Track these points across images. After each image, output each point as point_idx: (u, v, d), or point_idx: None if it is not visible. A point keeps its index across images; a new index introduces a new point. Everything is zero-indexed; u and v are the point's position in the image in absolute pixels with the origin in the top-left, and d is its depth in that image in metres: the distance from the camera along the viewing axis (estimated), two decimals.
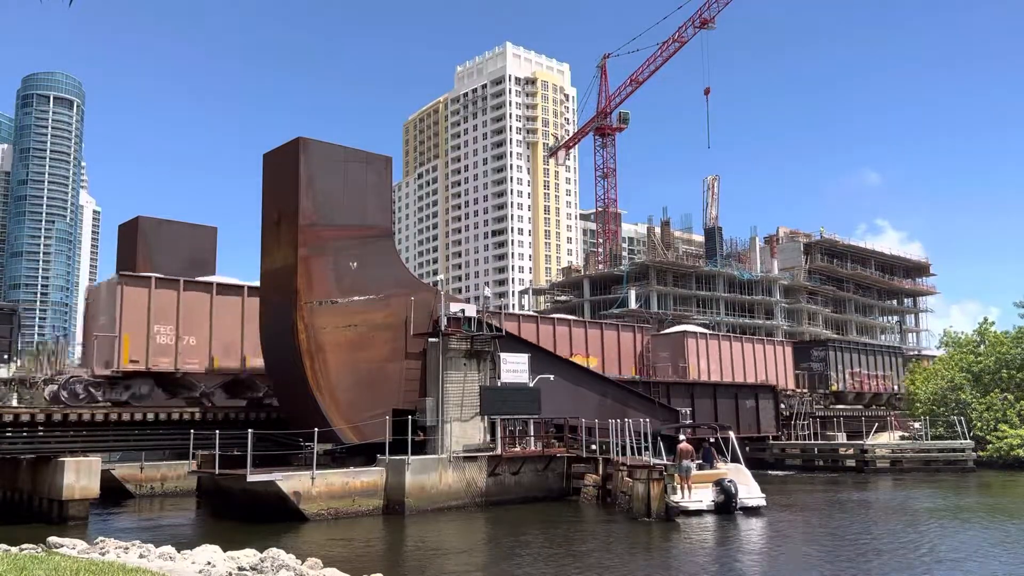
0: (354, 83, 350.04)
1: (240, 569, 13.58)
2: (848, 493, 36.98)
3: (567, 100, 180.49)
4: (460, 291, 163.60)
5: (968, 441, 47.52)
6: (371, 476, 29.03)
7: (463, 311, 32.67)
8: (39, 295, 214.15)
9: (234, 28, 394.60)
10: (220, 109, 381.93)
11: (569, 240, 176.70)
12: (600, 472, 32.28)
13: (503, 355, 33.63)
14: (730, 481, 28.14)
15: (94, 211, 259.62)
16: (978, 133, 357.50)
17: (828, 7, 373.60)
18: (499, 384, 33.15)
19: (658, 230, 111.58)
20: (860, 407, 61.48)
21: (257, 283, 32.83)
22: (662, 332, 55.15)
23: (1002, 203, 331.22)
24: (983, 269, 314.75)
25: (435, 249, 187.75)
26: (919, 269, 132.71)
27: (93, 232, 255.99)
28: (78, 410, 28.38)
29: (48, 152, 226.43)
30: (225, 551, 15.55)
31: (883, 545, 22.46)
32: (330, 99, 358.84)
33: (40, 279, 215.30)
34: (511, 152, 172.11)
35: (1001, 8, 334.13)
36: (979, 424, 50.18)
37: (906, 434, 55.07)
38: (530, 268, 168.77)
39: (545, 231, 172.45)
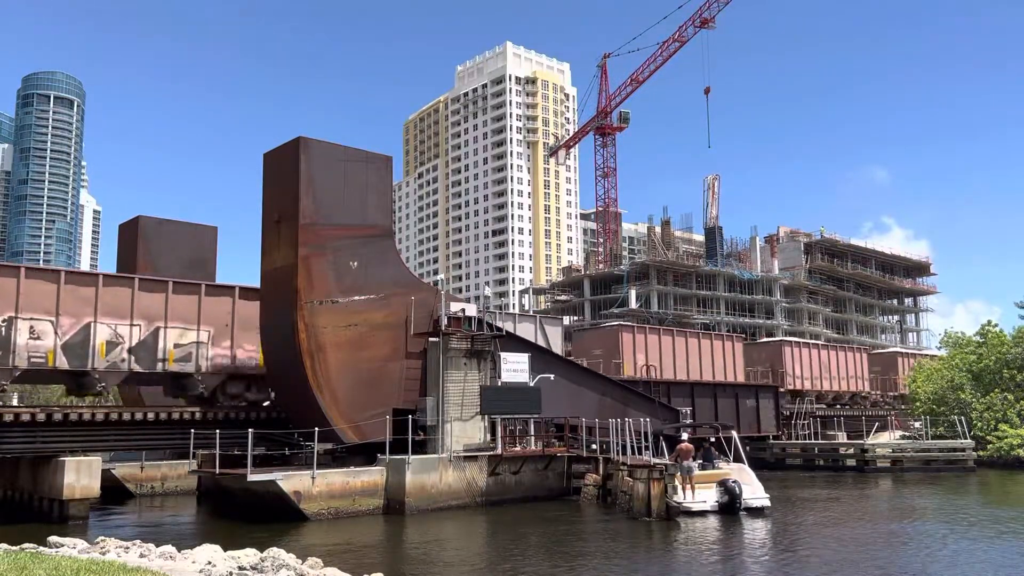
0: (354, 83, 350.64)
1: (240, 568, 13.56)
2: (850, 493, 36.96)
3: (567, 100, 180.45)
4: (460, 291, 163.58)
5: (968, 441, 47.48)
6: (371, 475, 29.01)
7: (463, 310, 32.67)
8: None
9: (234, 28, 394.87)
10: (220, 108, 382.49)
11: (569, 240, 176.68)
12: (600, 472, 32.26)
13: (503, 355, 33.60)
14: (734, 481, 28.01)
15: (94, 210, 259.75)
16: (986, 132, 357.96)
17: (830, 6, 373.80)
18: (499, 384, 33.12)
19: (658, 230, 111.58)
20: (823, 406, 59.14)
21: (76, 269, 31.15)
22: (594, 327, 54.19)
23: (1008, 202, 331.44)
24: (987, 268, 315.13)
25: (435, 249, 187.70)
26: (920, 268, 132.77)
27: (93, 231, 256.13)
28: (78, 410, 28.37)
29: (48, 152, 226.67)
30: (226, 550, 15.52)
31: (887, 545, 22.45)
32: (330, 99, 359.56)
33: None
34: (511, 152, 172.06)
35: (1010, 6, 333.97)
36: (979, 424, 50.16)
37: (907, 434, 55.01)
38: (530, 268, 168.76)
39: (545, 231, 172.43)
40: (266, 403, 33.47)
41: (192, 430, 29.20)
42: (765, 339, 73.25)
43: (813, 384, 58.25)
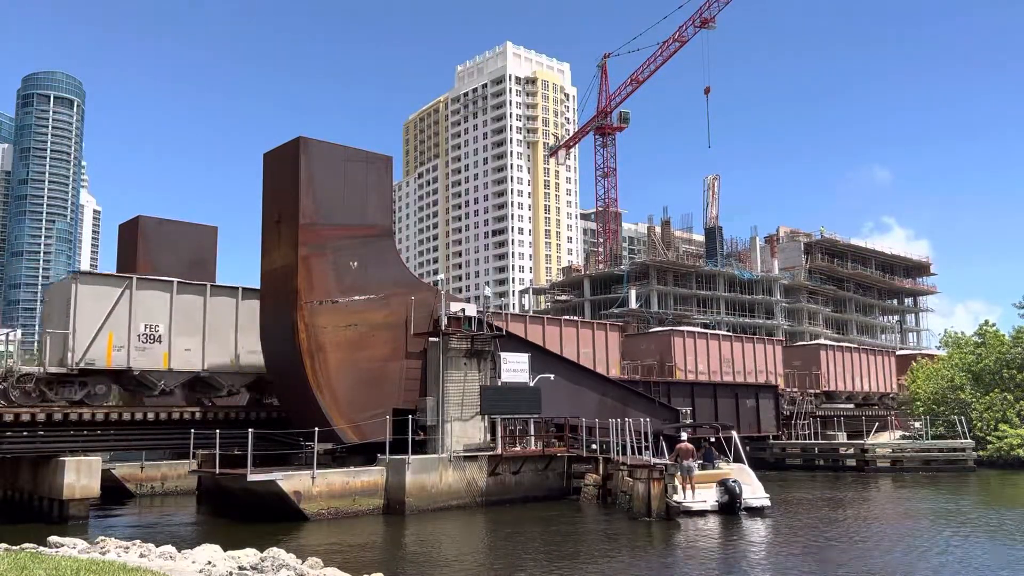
0: (354, 83, 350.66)
1: (240, 568, 13.56)
2: (850, 493, 36.96)
3: (567, 99, 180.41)
4: (460, 291, 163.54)
5: (968, 441, 47.50)
6: (371, 475, 29.01)
7: (463, 310, 32.67)
8: (39, 295, 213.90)
9: (234, 28, 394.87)
10: (220, 109, 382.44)
11: (569, 240, 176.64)
12: (600, 472, 32.27)
13: (503, 354, 33.61)
14: (734, 481, 28.03)
15: (94, 210, 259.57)
16: (986, 132, 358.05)
17: (830, 6, 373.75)
18: (499, 383, 33.13)
19: (658, 230, 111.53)
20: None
21: None
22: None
23: (1008, 202, 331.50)
24: (987, 268, 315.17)
25: (435, 249, 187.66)
26: (920, 268, 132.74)
27: (93, 231, 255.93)
28: (78, 410, 28.36)
29: (48, 151, 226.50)
30: (225, 550, 15.52)
31: (887, 546, 22.44)
32: (330, 99, 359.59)
33: (40, 279, 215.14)
34: (511, 152, 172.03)
35: (1010, 6, 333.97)
36: (979, 424, 50.16)
37: (906, 433, 55.01)
38: (530, 268, 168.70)
39: (545, 231, 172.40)
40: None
41: (192, 430, 29.18)
42: (655, 329, 63.79)
43: (710, 378, 51.32)
